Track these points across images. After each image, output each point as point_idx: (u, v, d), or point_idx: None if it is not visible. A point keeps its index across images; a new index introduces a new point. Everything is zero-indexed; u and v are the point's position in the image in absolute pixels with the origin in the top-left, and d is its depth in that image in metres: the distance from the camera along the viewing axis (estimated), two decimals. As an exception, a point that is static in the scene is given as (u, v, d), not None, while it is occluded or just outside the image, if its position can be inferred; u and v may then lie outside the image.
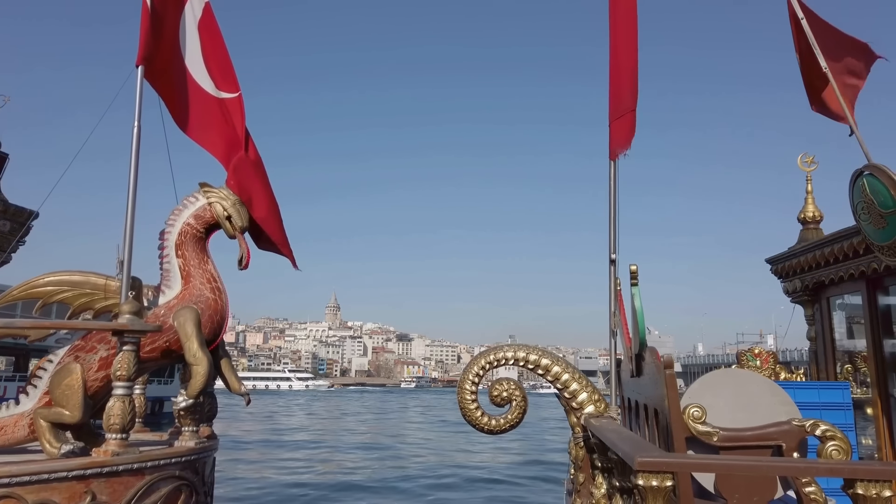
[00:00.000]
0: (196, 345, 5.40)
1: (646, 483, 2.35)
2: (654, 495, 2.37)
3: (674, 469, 2.41)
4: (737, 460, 2.75)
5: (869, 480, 2.35)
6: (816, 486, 3.06)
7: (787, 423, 3.24)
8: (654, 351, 3.57)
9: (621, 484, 3.20)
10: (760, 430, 3.25)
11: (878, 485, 2.35)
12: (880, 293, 6.37)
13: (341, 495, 18.72)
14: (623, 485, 3.16)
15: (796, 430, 3.21)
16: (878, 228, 4.54)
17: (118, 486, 4.68)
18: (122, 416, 4.76)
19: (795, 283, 7.79)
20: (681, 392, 3.55)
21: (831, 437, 3.10)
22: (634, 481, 2.39)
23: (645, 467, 2.34)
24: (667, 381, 3.00)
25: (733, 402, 3.49)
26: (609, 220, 4.77)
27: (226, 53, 6.29)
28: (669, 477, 2.39)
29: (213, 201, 5.81)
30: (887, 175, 4.24)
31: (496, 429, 4.43)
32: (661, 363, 3.14)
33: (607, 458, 3.47)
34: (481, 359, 4.49)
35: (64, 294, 5.38)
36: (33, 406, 5.23)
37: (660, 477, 2.35)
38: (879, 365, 6.21)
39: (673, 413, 2.94)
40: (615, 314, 4.58)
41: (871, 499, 2.34)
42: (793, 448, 3.20)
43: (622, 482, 3.18)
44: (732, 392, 3.56)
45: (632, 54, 4.75)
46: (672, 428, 2.92)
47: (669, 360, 3.09)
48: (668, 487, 2.36)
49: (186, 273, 5.72)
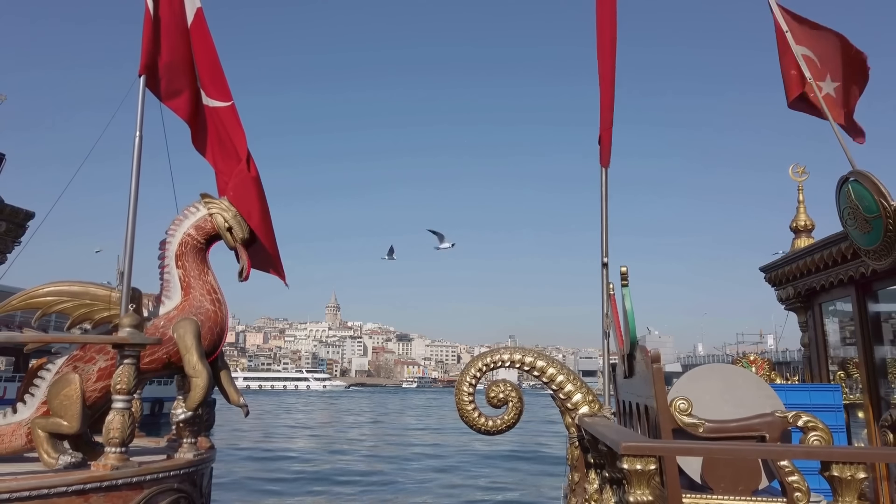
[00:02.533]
0: (196, 357, 5.42)
1: (630, 467, 2.43)
2: (638, 479, 2.45)
3: (656, 453, 2.49)
4: (718, 445, 2.83)
5: (844, 463, 2.44)
6: (799, 476, 3.13)
7: (770, 415, 3.31)
8: (643, 348, 3.66)
9: (611, 475, 3.27)
10: (745, 422, 3.33)
11: (853, 467, 2.44)
12: (869, 298, 6.46)
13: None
14: (612, 475, 3.23)
15: (779, 421, 3.29)
16: (863, 233, 4.68)
17: (117, 499, 4.70)
18: (121, 429, 4.75)
19: (788, 290, 7.89)
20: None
21: (813, 427, 3.19)
22: (620, 465, 2.47)
23: (629, 451, 2.43)
24: (654, 374, 3.08)
25: (720, 395, 3.57)
26: (601, 225, 4.91)
27: (217, 60, 6.11)
28: (653, 461, 2.47)
29: (214, 212, 5.82)
30: (871, 181, 4.38)
31: (493, 429, 4.50)
32: (648, 357, 3.23)
33: (598, 451, 3.55)
34: (479, 361, 4.57)
35: (63, 305, 5.41)
36: (31, 415, 5.25)
37: (644, 461, 2.44)
38: (870, 369, 6.27)
39: (660, 405, 3.02)
40: (608, 316, 4.68)
41: (847, 480, 2.43)
42: (776, 438, 3.27)
43: (611, 473, 3.24)
44: (719, 386, 3.64)
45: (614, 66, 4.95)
46: (659, 419, 3.00)
47: (657, 355, 3.17)
48: (651, 471, 2.44)
49: (186, 284, 5.73)
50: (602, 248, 4.90)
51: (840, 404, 6.00)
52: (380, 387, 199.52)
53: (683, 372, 4.68)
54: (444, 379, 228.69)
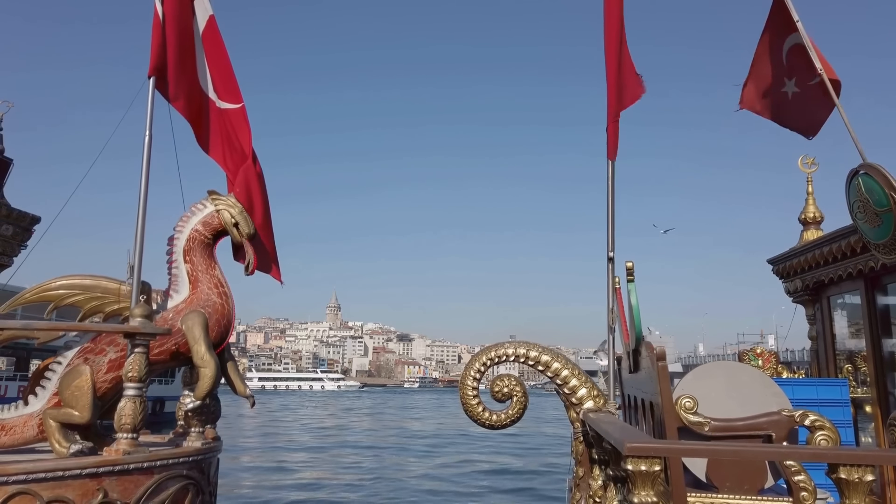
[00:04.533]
0: (203, 348, 5.50)
1: (634, 468, 2.43)
2: (643, 479, 2.45)
3: (661, 454, 2.48)
4: (723, 446, 2.82)
5: (851, 465, 2.42)
6: (805, 475, 3.12)
7: (776, 414, 3.30)
8: (649, 345, 3.65)
9: (615, 473, 3.28)
10: (751, 420, 3.32)
11: (860, 469, 2.42)
12: (878, 291, 6.42)
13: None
14: (617, 473, 3.24)
15: (786, 420, 3.27)
16: (873, 227, 4.63)
17: (129, 484, 4.78)
18: (133, 416, 4.86)
19: (796, 282, 7.85)
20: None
21: (820, 426, 3.17)
22: (624, 466, 2.47)
23: (634, 452, 2.43)
24: (659, 372, 3.08)
25: (725, 393, 3.56)
26: (607, 219, 4.88)
27: (229, 65, 6.38)
28: (658, 462, 2.46)
29: (220, 208, 5.94)
30: (882, 174, 4.33)
31: (497, 424, 4.51)
32: (653, 354, 3.23)
33: (602, 448, 3.55)
34: (483, 355, 4.57)
35: (75, 297, 5.49)
36: (42, 407, 5.33)
37: (648, 462, 2.43)
38: (878, 363, 6.25)
39: (665, 403, 3.02)
40: (613, 311, 4.67)
41: (854, 483, 2.41)
42: (782, 438, 3.26)
43: (615, 471, 3.25)
44: (725, 383, 3.63)
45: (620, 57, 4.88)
46: (664, 418, 3.00)
47: (662, 352, 3.17)
48: (656, 472, 2.44)
49: (194, 278, 5.83)
50: (608, 242, 4.87)
51: (847, 399, 5.98)
52: (386, 387, 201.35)
53: (685, 372, 4.67)
54: (444, 379, 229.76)
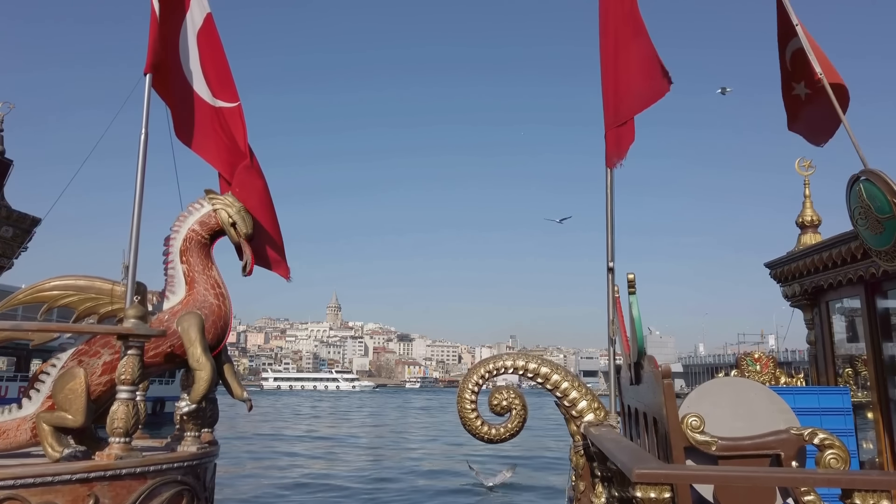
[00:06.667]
0: (199, 350, 5.43)
1: (644, 495, 2.37)
2: (652, 506, 2.39)
3: (672, 481, 2.43)
4: (735, 471, 2.77)
5: (867, 490, 2.36)
6: (815, 495, 3.08)
7: (785, 432, 3.25)
8: (652, 359, 3.59)
9: (620, 494, 3.22)
10: (759, 440, 3.27)
11: (876, 495, 2.36)
12: (879, 297, 6.38)
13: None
14: (622, 495, 3.19)
15: (794, 439, 3.23)
16: (875, 234, 4.55)
17: (121, 489, 4.71)
18: (125, 419, 4.78)
19: (794, 287, 7.80)
20: (682, 394, 3.56)
21: (829, 445, 3.12)
22: (633, 493, 2.41)
23: (643, 479, 2.36)
24: (665, 391, 3.02)
25: (732, 410, 3.51)
26: (606, 228, 4.76)
27: (225, 63, 6.31)
28: (668, 489, 2.41)
29: (218, 208, 5.83)
30: (884, 181, 4.25)
31: (496, 438, 4.43)
32: (658, 372, 3.17)
33: (607, 467, 3.50)
34: (481, 367, 4.49)
35: (69, 298, 5.41)
36: (36, 410, 5.26)
37: (658, 489, 2.37)
38: (879, 369, 6.22)
39: (671, 423, 2.96)
40: (614, 322, 4.59)
41: (868, 510, 2.36)
42: (791, 457, 3.22)
43: (621, 492, 3.20)
44: (731, 401, 3.57)
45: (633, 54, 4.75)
46: (670, 438, 2.94)
47: (667, 370, 3.11)
48: (666, 499, 2.38)
49: (191, 279, 5.74)
50: (608, 252, 4.74)
51: (849, 408, 5.95)
52: (386, 386, 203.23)
53: (685, 372, 4.63)
54: (445, 379, 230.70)
